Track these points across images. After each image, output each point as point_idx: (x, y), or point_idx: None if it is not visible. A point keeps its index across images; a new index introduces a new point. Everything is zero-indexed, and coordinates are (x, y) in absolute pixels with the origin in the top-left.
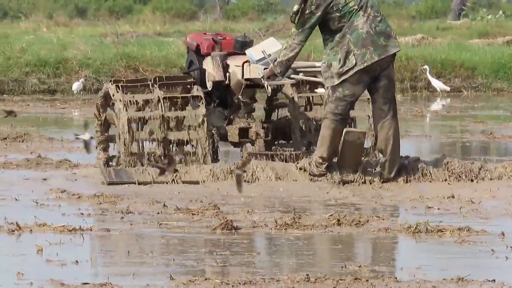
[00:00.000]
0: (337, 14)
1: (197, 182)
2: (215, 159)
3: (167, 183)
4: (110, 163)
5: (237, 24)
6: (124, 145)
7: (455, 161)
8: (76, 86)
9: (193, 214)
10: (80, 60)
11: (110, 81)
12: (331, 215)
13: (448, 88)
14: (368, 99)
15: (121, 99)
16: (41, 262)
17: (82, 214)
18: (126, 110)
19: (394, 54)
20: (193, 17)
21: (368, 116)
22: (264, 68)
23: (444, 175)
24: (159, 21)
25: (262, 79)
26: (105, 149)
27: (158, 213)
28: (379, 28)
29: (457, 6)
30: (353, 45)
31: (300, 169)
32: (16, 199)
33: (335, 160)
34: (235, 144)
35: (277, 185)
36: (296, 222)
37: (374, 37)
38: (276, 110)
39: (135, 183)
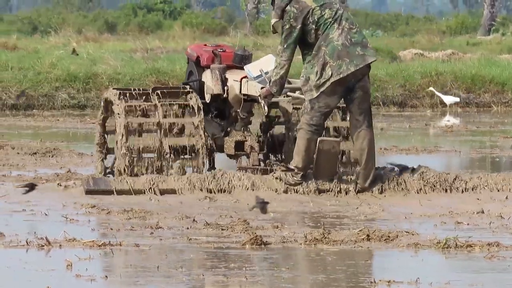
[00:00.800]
0: (313, 26)
1: (173, 191)
2: (211, 167)
3: (144, 192)
4: (108, 170)
5: (267, 40)
6: (121, 150)
7: (430, 171)
8: None
9: (222, 229)
10: (109, 75)
11: (113, 88)
12: (361, 230)
13: (458, 99)
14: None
15: (120, 105)
16: (71, 277)
17: (111, 229)
18: (125, 116)
19: (369, 66)
20: (222, 32)
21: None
22: (261, 87)
23: (419, 185)
24: (188, 37)
25: (259, 98)
26: (103, 159)
27: (188, 228)
28: (355, 39)
29: (487, 22)
30: (328, 57)
31: (277, 178)
32: (46, 214)
33: (310, 170)
34: (230, 156)
35: (306, 200)
36: (325, 237)
37: (350, 48)
38: (273, 125)
39: (113, 192)
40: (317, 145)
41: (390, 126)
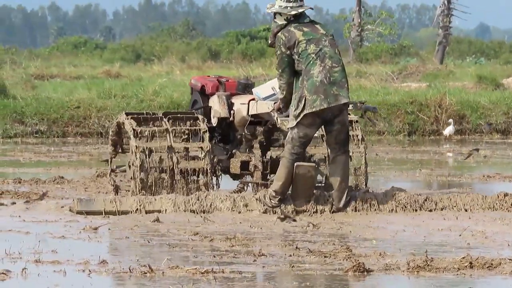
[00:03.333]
0: (297, 57)
1: (159, 211)
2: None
3: (131, 212)
4: (119, 191)
5: (370, 67)
6: (134, 172)
7: (402, 193)
8: None
9: (325, 256)
10: None
11: (125, 113)
12: (464, 257)
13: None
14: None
15: (132, 129)
16: None
17: (214, 256)
18: (136, 139)
19: (346, 104)
20: None
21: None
22: (274, 103)
23: (392, 206)
24: None
25: (272, 112)
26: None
27: (290, 255)
28: (334, 78)
29: None
30: (307, 91)
31: (257, 199)
32: (148, 242)
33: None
34: (235, 176)
35: (408, 227)
36: (428, 265)
37: (327, 86)
38: (271, 147)
39: (102, 213)
40: (293, 170)
41: (493, 154)
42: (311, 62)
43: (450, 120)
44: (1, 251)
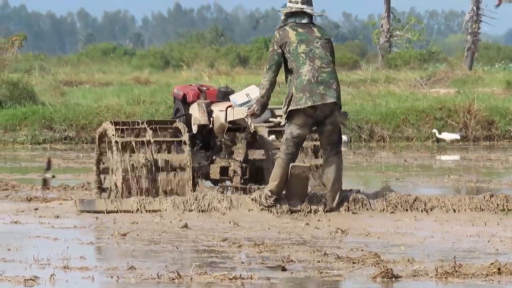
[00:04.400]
0: (288, 55)
1: (159, 211)
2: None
3: (132, 212)
4: (103, 193)
5: (399, 73)
6: (116, 176)
7: (392, 193)
8: None
9: (353, 262)
10: None
11: (110, 122)
12: (492, 263)
13: (458, 136)
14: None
15: (115, 136)
16: None
17: (242, 262)
18: (118, 148)
19: (336, 104)
20: (354, 66)
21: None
22: (248, 108)
23: (382, 205)
24: None
25: (246, 118)
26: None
27: (319, 261)
28: (321, 78)
29: None
30: (295, 89)
31: (252, 200)
32: (177, 247)
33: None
34: (215, 182)
35: (437, 233)
36: (456, 271)
37: (313, 85)
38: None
39: (104, 212)
40: (289, 170)
41: None
42: (301, 61)
43: (434, 130)
44: (29, 257)
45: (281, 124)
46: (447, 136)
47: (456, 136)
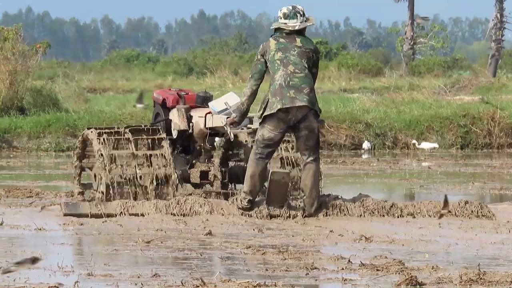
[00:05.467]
0: (268, 63)
1: (142, 215)
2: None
3: (115, 215)
4: (84, 195)
5: (423, 80)
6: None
7: (369, 199)
8: None
9: (377, 270)
10: None
11: (89, 128)
12: None
13: (436, 145)
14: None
15: (97, 139)
16: None
17: (267, 269)
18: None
19: (309, 109)
20: (378, 73)
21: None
22: (227, 117)
23: (360, 211)
24: (344, 77)
25: (225, 127)
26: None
27: (343, 268)
28: (293, 82)
29: None
30: (270, 94)
31: (231, 202)
32: (201, 255)
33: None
34: (196, 185)
35: (461, 241)
36: (481, 278)
37: (284, 89)
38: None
39: (88, 216)
40: (269, 176)
41: None
42: (276, 67)
43: (414, 141)
44: (53, 264)
45: (255, 128)
46: (426, 145)
47: (435, 145)
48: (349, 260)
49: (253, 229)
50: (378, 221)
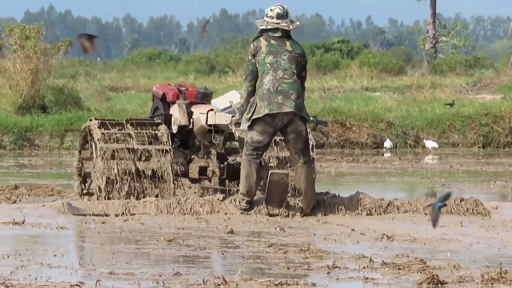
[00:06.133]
0: (257, 64)
1: (143, 213)
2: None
3: (116, 215)
4: (84, 191)
5: (445, 79)
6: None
7: (367, 198)
8: None
9: (399, 268)
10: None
11: (91, 119)
12: None
13: (436, 145)
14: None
15: (98, 132)
16: None
17: (288, 268)
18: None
19: (298, 115)
20: (400, 71)
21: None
22: (232, 116)
23: (357, 210)
24: (366, 76)
25: (230, 125)
26: (83, 182)
27: (364, 267)
28: (281, 88)
29: None
30: (258, 98)
31: (230, 202)
32: (222, 253)
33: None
34: (194, 180)
35: (482, 239)
36: (502, 277)
37: (272, 94)
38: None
39: (90, 215)
40: (268, 177)
41: None
42: (265, 71)
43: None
44: (75, 263)
45: (245, 130)
46: (429, 144)
47: (434, 144)
48: (370, 259)
49: (275, 228)
50: (400, 219)
